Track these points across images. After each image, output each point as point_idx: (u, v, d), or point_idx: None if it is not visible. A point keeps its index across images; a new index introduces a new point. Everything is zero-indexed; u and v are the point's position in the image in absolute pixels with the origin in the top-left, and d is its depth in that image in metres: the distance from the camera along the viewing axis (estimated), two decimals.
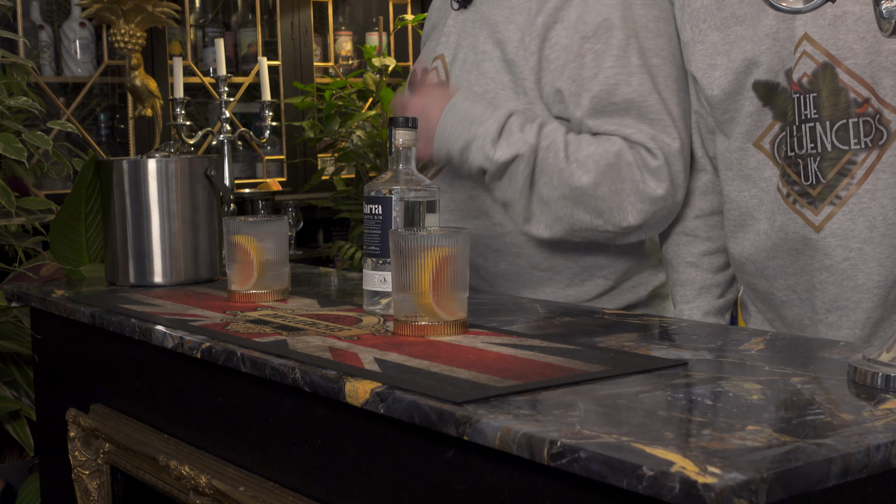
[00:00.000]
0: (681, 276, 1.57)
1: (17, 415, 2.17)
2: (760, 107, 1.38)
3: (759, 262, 1.42)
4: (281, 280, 1.51)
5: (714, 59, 1.42)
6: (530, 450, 0.80)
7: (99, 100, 4.19)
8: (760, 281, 1.44)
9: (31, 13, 4.00)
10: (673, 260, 1.59)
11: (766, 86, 1.36)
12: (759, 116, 1.38)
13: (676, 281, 1.58)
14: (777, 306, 1.44)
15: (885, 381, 0.92)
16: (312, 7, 4.57)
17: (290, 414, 1.15)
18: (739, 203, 1.44)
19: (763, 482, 0.69)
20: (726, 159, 1.45)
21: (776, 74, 1.35)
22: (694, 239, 1.56)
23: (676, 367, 1.02)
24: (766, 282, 1.43)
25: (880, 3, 0.97)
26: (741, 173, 1.43)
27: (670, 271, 1.60)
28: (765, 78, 1.36)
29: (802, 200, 1.34)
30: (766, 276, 1.42)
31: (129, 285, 1.72)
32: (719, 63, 1.41)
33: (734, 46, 1.39)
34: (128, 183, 1.70)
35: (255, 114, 4.50)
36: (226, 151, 3.59)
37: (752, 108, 1.38)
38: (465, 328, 1.22)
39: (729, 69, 1.39)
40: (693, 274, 1.56)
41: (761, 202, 1.40)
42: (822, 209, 1.32)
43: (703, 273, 1.56)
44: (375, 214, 1.34)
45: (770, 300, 1.44)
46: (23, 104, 2.17)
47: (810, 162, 1.32)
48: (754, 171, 1.41)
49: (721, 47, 1.41)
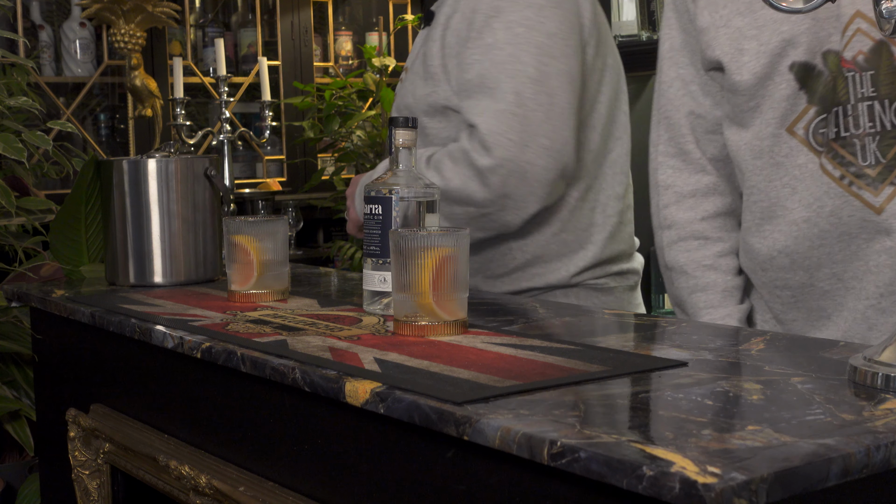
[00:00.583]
0: (699, 281, 1.50)
1: (17, 415, 2.17)
2: (797, 90, 1.33)
3: (799, 254, 1.36)
4: (281, 280, 1.51)
5: (741, 43, 1.37)
6: (530, 450, 0.80)
7: (99, 100, 4.19)
8: (795, 274, 1.38)
9: (31, 13, 4.00)
10: (686, 266, 1.51)
11: (803, 67, 1.32)
12: (794, 100, 1.33)
13: (695, 287, 1.50)
14: (809, 300, 1.38)
15: (885, 381, 0.92)
16: (312, 7, 4.57)
17: (290, 414, 1.15)
18: (769, 193, 1.38)
19: (763, 482, 0.69)
20: (754, 148, 1.39)
21: (814, 56, 1.31)
22: (705, 241, 1.50)
23: (676, 367, 1.02)
24: (806, 273, 1.37)
25: (880, 3, 0.97)
26: (772, 161, 1.37)
27: (683, 280, 1.51)
28: (803, 59, 1.32)
29: (860, 182, 1.29)
30: (807, 268, 1.36)
31: (129, 285, 1.72)
32: (748, 47, 1.36)
33: (764, 29, 1.35)
34: (128, 183, 1.70)
35: (255, 114, 4.50)
36: (226, 151, 3.60)
37: (787, 91, 1.34)
38: (465, 328, 1.22)
39: (761, 52, 1.34)
40: (713, 277, 1.49)
41: (794, 190, 1.35)
42: (882, 189, 1.27)
43: (722, 275, 1.49)
44: (375, 214, 1.34)
45: (802, 295, 1.39)
46: (23, 104, 2.17)
47: (868, 142, 1.28)
48: (786, 158, 1.35)
49: (748, 31, 1.36)
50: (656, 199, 1.56)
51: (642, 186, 2.30)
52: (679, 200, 1.52)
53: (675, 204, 1.53)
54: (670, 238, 1.53)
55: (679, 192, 1.52)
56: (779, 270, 1.40)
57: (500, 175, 1.56)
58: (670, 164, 1.53)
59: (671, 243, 1.53)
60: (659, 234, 1.55)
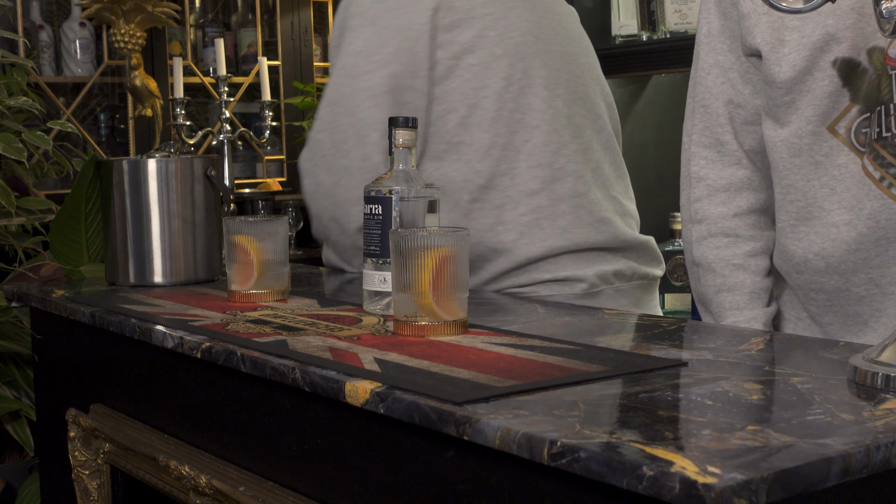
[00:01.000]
0: (727, 280, 1.44)
1: (17, 415, 2.17)
2: (840, 87, 1.28)
3: (836, 257, 1.32)
4: (281, 280, 1.51)
5: (782, 34, 1.32)
6: (530, 450, 0.80)
7: (99, 100, 4.19)
8: (831, 278, 1.34)
9: (31, 13, 4.00)
10: (715, 264, 1.45)
11: (847, 64, 1.28)
12: (837, 98, 1.29)
13: (722, 286, 1.45)
14: (845, 305, 1.34)
15: (885, 381, 0.92)
16: (312, 7, 4.57)
17: (290, 414, 1.15)
18: (806, 193, 1.33)
19: (763, 482, 0.69)
20: (793, 146, 1.34)
21: (858, 52, 1.27)
22: (736, 239, 1.45)
23: (676, 367, 1.02)
24: (841, 278, 1.33)
25: (880, 3, 0.98)
26: (811, 160, 1.32)
27: (710, 278, 1.46)
28: (847, 55, 1.27)
29: None
30: (842, 272, 1.32)
31: (129, 285, 1.72)
32: (789, 39, 1.31)
33: (807, 21, 1.29)
34: (128, 183, 1.70)
35: (255, 114, 4.50)
36: (226, 151, 3.60)
37: (830, 88, 1.29)
38: (465, 328, 1.22)
39: (802, 45, 1.30)
40: (741, 277, 1.44)
41: (833, 191, 1.31)
42: None
43: (751, 276, 1.44)
44: (375, 214, 1.34)
45: (837, 300, 1.35)
46: (23, 104, 2.17)
47: None
48: (826, 157, 1.31)
49: (790, 22, 1.30)
50: (688, 192, 1.50)
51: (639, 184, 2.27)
52: (711, 194, 1.47)
53: (708, 198, 1.47)
54: (700, 233, 1.47)
55: (712, 186, 1.47)
56: (813, 273, 1.36)
57: (313, 199, 1.70)
58: (704, 155, 1.48)
59: (701, 239, 1.47)
60: (688, 227, 1.50)
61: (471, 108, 1.64)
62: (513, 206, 1.64)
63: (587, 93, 1.77)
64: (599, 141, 1.77)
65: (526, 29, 1.71)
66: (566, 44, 1.77)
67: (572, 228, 1.67)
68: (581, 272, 1.67)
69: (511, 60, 1.67)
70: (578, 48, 1.81)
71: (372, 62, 1.63)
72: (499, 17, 1.69)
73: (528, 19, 1.72)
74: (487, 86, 1.65)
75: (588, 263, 1.69)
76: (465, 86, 1.65)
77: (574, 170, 1.68)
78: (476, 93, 1.65)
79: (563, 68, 1.74)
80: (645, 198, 2.92)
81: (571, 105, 1.73)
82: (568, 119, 1.71)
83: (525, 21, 1.71)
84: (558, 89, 1.71)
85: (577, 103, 1.74)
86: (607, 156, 1.79)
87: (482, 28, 1.66)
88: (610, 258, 1.72)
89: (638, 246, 1.77)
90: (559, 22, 1.79)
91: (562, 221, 1.67)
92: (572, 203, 1.67)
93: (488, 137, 1.64)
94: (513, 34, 1.69)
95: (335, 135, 1.64)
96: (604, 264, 1.70)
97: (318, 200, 1.69)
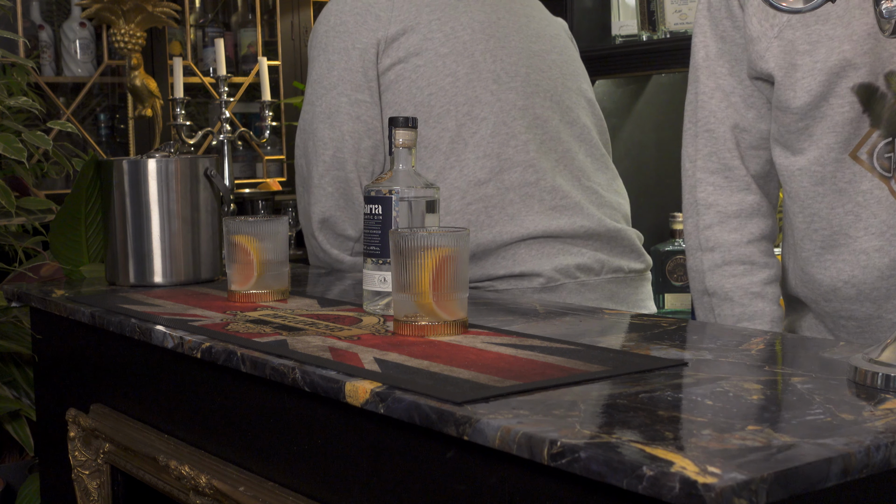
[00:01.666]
0: (747, 309, 1.40)
1: (17, 415, 2.17)
2: (860, 113, 1.26)
3: (867, 284, 1.29)
4: (281, 280, 1.51)
5: (794, 58, 1.30)
6: (530, 450, 0.80)
7: (99, 100, 4.19)
8: (862, 306, 1.31)
9: (31, 13, 4.00)
10: (732, 293, 1.41)
11: (866, 90, 1.26)
12: (858, 124, 1.27)
13: (742, 316, 1.41)
14: (876, 331, 1.31)
15: (885, 381, 0.92)
16: (312, 7, 4.57)
17: (290, 414, 1.15)
18: (831, 221, 1.31)
19: (763, 482, 0.69)
20: (815, 174, 1.32)
21: (876, 77, 1.25)
22: (752, 267, 1.41)
23: (676, 367, 1.02)
24: (873, 305, 1.30)
25: (880, 3, 0.98)
26: (835, 187, 1.30)
27: (728, 308, 1.42)
28: (866, 80, 1.25)
29: None
30: (874, 299, 1.29)
31: (129, 285, 1.72)
32: (801, 63, 1.29)
33: (819, 46, 1.27)
34: (128, 183, 1.70)
35: (255, 114, 4.50)
36: (226, 151, 3.60)
37: (851, 115, 1.27)
38: (465, 328, 1.22)
39: (816, 69, 1.28)
40: (761, 306, 1.40)
41: (858, 218, 1.29)
42: None
43: (770, 305, 1.40)
44: (375, 214, 1.34)
45: (869, 326, 1.32)
46: (23, 104, 2.17)
47: None
48: (849, 184, 1.29)
49: (801, 46, 1.29)
50: (695, 220, 1.46)
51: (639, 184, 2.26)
52: (723, 221, 1.43)
53: (719, 225, 1.43)
54: (713, 261, 1.43)
55: (723, 212, 1.43)
56: (843, 301, 1.33)
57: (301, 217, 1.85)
58: (711, 182, 1.44)
59: (714, 267, 1.43)
60: (697, 256, 1.45)
61: (417, 107, 1.71)
62: (460, 197, 1.69)
63: (554, 87, 1.81)
64: (572, 133, 1.81)
65: (477, 28, 1.77)
66: (530, 41, 1.82)
67: (522, 216, 1.70)
68: (538, 266, 1.69)
69: (457, 57, 1.73)
70: (548, 46, 1.85)
71: (323, 87, 1.77)
72: (446, 21, 1.76)
73: (481, 20, 1.79)
74: (433, 83, 1.71)
75: (546, 257, 1.70)
76: (411, 87, 1.72)
77: (524, 160, 1.72)
78: (422, 90, 1.71)
79: (522, 62, 1.78)
80: (645, 198, 2.93)
81: (530, 97, 1.76)
82: (523, 111, 1.75)
83: (477, 22, 1.78)
84: (513, 82, 1.75)
85: (539, 95, 1.78)
86: (582, 148, 1.82)
87: (428, 32, 1.74)
88: (573, 250, 1.73)
89: (609, 236, 1.77)
90: (526, 24, 1.84)
91: (510, 210, 1.70)
92: (521, 192, 1.71)
93: (435, 133, 1.70)
94: (461, 34, 1.75)
95: (305, 158, 1.80)
96: (564, 257, 1.71)
97: (302, 218, 1.85)
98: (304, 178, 1.80)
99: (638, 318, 1.34)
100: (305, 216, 1.83)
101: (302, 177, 1.82)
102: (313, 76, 1.81)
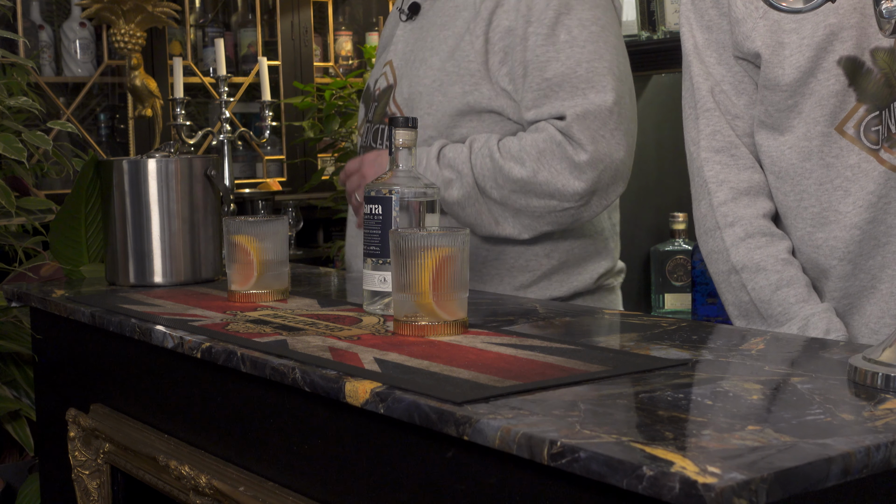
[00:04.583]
0: (783, 275, 1.36)
1: (17, 415, 2.16)
2: (846, 86, 1.27)
3: (862, 256, 1.30)
4: (281, 280, 1.51)
5: (780, 36, 1.30)
6: (530, 450, 0.80)
7: (99, 100, 4.19)
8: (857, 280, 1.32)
9: (31, 13, 4.00)
10: (764, 262, 1.37)
11: (852, 64, 1.26)
12: (843, 98, 1.27)
13: (780, 283, 1.36)
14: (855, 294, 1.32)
15: (885, 381, 0.92)
16: (312, 7, 4.57)
17: (290, 414, 1.15)
18: (820, 198, 1.31)
19: (763, 482, 0.69)
20: (802, 150, 1.32)
21: (862, 52, 1.26)
22: (772, 238, 1.38)
23: (676, 367, 1.02)
24: (867, 276, 1.31)
25: (880, 3, 0.98)
26: (822, 162, 1.30)
27: (763, 278, 1.37)
28: (851, 54, 1.26)
29: None
30: (868, 269, 1.30)
31: (129, 285, 1.72)
32: (788, 41, 1.30)
33: (805, 22, 1.28)
34: (128, 183, 1.70)
35: (255, 114, 4.50)
36: (226, 151, 3.60)
37: (837, 88, 1.27)
38: (465, 328, 1.22)
39: (804, 45, 1.28)
40: (794, 271, 1.36)
41: (847, 193, 1.29)
42: None
43: (801, 272, 1.36)
44: (375, 214, 1.34)
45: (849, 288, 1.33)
46: (23, 104, 2.17)
47: None
48: (836, 159, 1.29)
49: (787, 24, 1.30)
50: (707, 199, 1.43)
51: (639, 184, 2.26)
52: (736, 197, 1.40)
53: (733, 200, 1.40)
54: (736, 235, 1.40)
55: (735, 188, 1.40)
56: (838, 280, 1.33)
57: (596, 170, 1.59)
58: (717, 160, 1.42)
59: (738, 241, 1.39)
60: (717, 235, 1.42)
61: None
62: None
63: None
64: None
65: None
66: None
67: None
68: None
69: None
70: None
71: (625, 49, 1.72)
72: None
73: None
74: None
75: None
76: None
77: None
78: None
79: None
80: (645, 198, 2.93)
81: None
82: None
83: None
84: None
85: None
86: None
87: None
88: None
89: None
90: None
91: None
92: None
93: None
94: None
95: (624, 109, 1.69)
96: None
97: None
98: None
99: (638, 318, 1.34)
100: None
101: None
102: (616, 31, 1.70)
